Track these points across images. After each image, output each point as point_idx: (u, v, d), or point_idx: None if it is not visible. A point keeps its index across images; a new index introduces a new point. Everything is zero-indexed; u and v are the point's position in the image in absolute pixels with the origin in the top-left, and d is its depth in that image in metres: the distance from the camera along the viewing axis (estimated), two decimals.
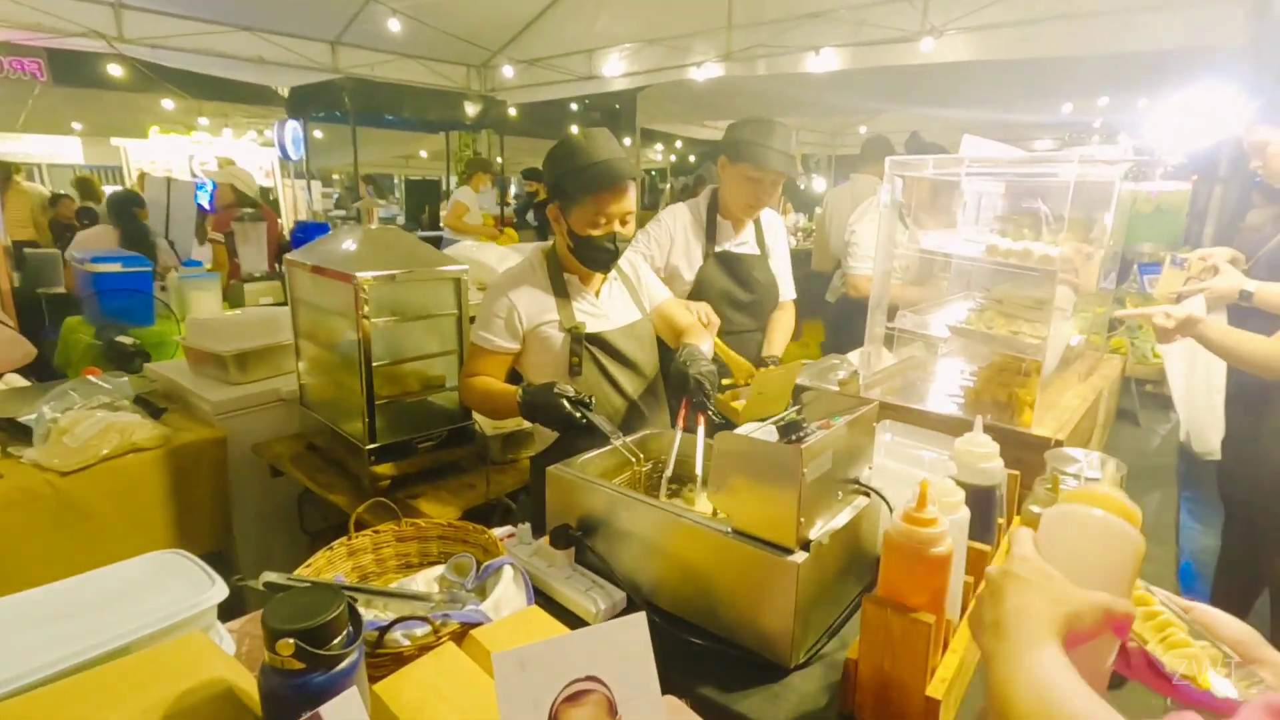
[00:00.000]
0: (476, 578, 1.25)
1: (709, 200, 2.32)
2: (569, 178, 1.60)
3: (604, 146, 1.62)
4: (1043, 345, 1.47)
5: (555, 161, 1.65)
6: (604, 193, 1.60)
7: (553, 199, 1.67)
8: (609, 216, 1.63)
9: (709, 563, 1.12)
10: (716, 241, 2.29)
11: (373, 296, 1.76)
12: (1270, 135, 2.20)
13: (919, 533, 0.89)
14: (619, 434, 1.45)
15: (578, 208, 1.62)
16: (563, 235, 1.68)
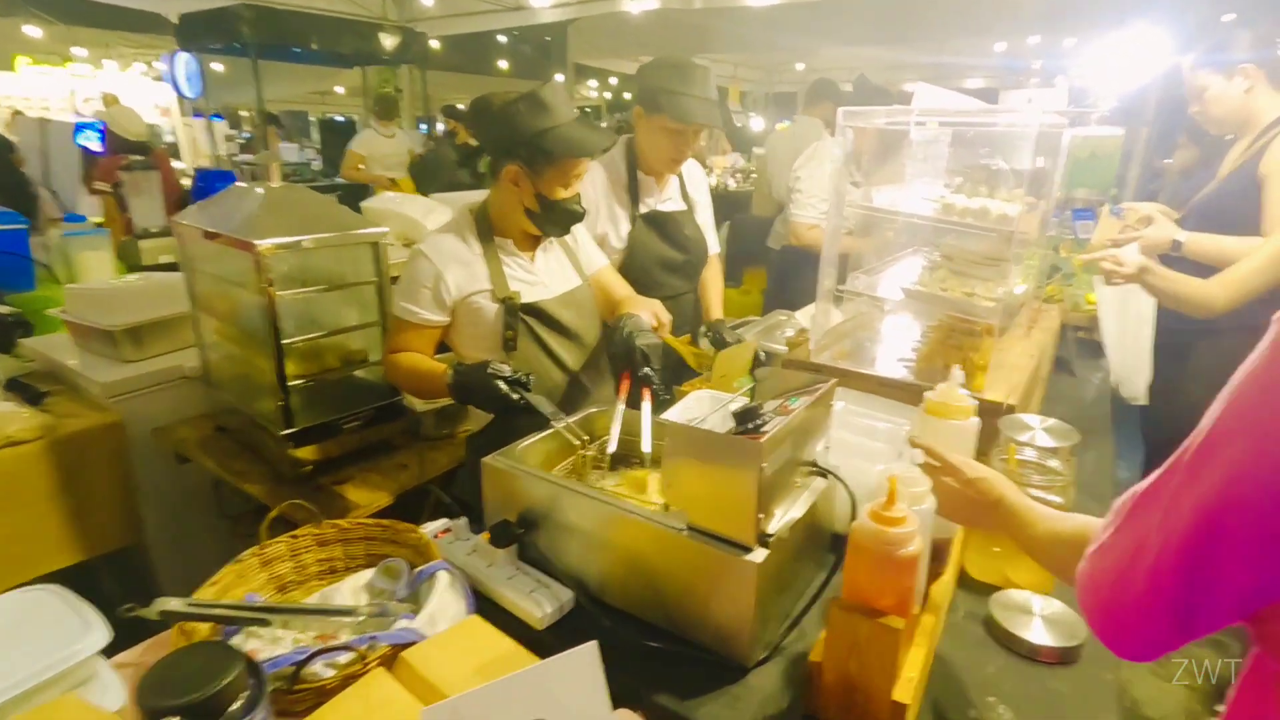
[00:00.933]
0: (409, 584, 1.14)
1: (626, 154, 2.09)
2: (546, 137, 1.45)
3: (568, 103, 1.50)
4: (997, 307, 1.43)
5: (522, 118, 1.46)
6: (585, 155, 1.50)
7: (516, 159, 1.49)
8: (578, 176, 1.53)
9: (662, 560, 1.04)
10: (641, 200, 2.09)
11: (278, 266, 1.57)
12: (1210, 79, 2.20)
13: (888, 533, 0.83)
14: (560, 415, 1.35)
15: (553, 169, 1.48)
16: (525, 199, 1.52)
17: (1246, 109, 2.16)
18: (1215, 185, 2.26)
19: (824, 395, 1.15)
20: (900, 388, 1.52)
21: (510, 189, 1.51)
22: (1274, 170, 2.05)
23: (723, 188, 8.24)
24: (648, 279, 2.14)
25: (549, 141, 1.44)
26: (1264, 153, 2.08)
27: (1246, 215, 2.12)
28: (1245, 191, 2.13)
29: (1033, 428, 1.32)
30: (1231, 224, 2.16)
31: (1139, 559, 0.58)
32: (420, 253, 1.53)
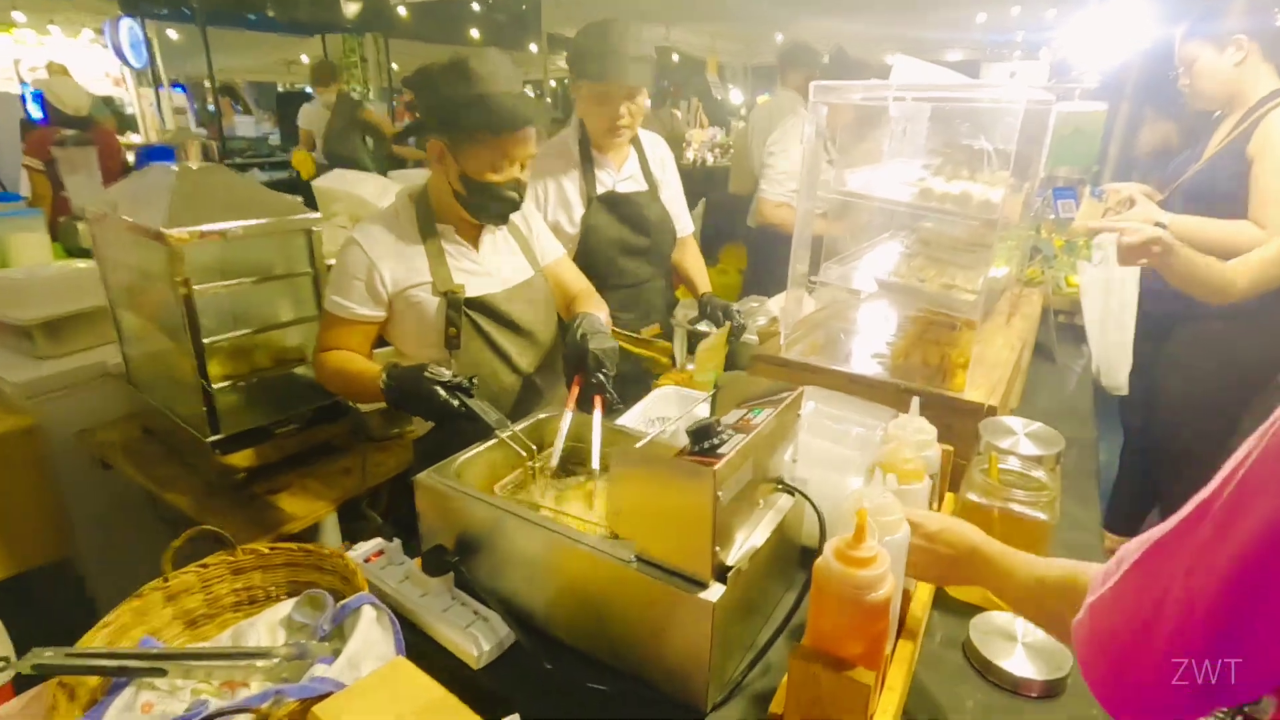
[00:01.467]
0: (333, 618, 1.03)
1: (579, 132, 1.95)
2: (466, 109, 1.29)
3: (506, 74, 1.33)
4: (978, 301, 1.33)
5: (442, 85, 1.32)
6: (511, 132, 1.32)
7: (435, 131, 1.35)
8: (513, 159, 1.35)
9: (609, 593, 0.94)
10: (597, 181, 1.95)
11: (195, 257, 1.42)
12: (1200, 50, 2.09)
13: (855, 575, 0.73)
14: (506, 423, 1.23)
15: (475, 147, 1.33)
16: (451, 179, 1.38)
17: (1236, 83, 2.06)
18: (1201, 165, 2.17)
19: (791, 404, 1.04)
20: (874, 386, 1.42)
21: (438, 168, 1.37)
22: (1263, 150, 1.96)
23: (700, 163, 8.07)
24: (607, 266, 2.01)
25: (468, 114, 1.29)
26: (1253, 132, 1.99)
27: (1234, 197, 2.04)
28: (1232, 172, 2.04)
29: (1015, 433, 1.23)
30: (1218, 206, 2.07)
31: (1159, 618, 0.52)
32: (352, 241, 1.39)
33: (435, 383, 1.22)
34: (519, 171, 1.37)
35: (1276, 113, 1.96)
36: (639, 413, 1.66)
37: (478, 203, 1.38)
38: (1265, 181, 1.95)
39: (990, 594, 1.10)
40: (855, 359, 1.54)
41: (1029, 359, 2.10)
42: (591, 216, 1.93)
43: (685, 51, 10.78)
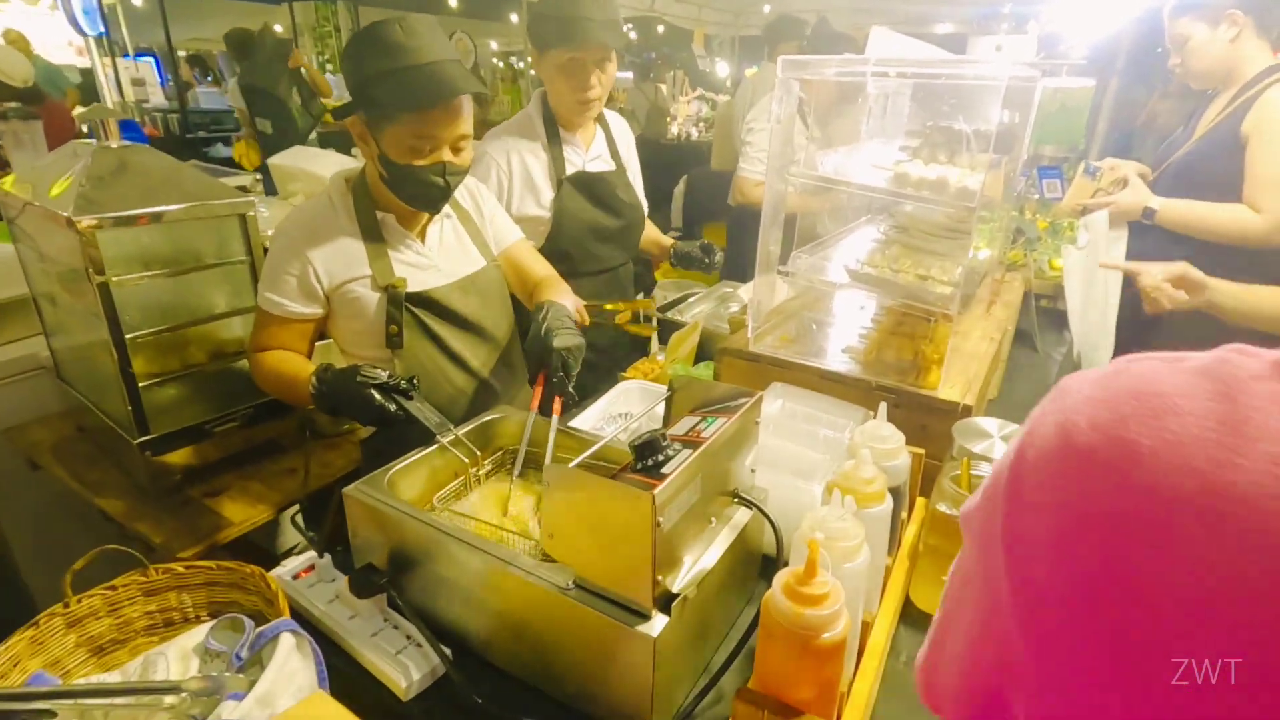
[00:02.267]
0: (251, 645, 0.95)
1: (542, 109, 1.82)
2: (380, 83, 1.16)
3: (429, 43, 1.18)
4: (955, 294, 1.25)
5: (359, 58, 1.20)
6: (430, 109, 1.18)
7: (357, 109, 1.24)
8: (436, 141, 1.21)
9: (548, 621, 0.86)
10: (566, 161, 1.83)
11: (114, 246, 1.31)
12: (1193, 28, 2.01)
13: (805, 616, 0.65)
14: (449, 426, 1.14)
15: (393, 126, 1.20)
16: (373, 161, 1.27)
17: (1230, 60, 1.97)
18: (1193, 145, 2.09)
19: (749, 410, 0.96)
20: (846, 383, 1.34)
21: (363, 150, 1.26)
22: (1259, 129, 1.87)
23: (685, 138, 7.90)
24: (580, 250, 1.92)
25: (383, 88, 1.16)
26: (1247, 110, 1.91)
27: (1227, 177, 1.95)
28: (1225, 151, 1.96)
29: (991, 435, 1.15)
30: (1210, 187, 1.99)
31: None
32: (283, 232, 1.28)
33: (370, 385, 1.13)
34: (450, 155, 1.23)
35: (1273, 90, 1.87)
36: (600, 409, 1.58)
37: (402, 189, 1.26)
38: (1262, 162, 1.87)
39: None
40: (827, 353, 1.46)
41: (1009, 348, 2.03)
42: (563, 199, 1.82)
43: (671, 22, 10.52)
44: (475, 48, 7.55)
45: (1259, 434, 0.32)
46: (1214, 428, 0.33)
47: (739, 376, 1.45)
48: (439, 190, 1.25)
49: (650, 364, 1.88)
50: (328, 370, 1.18)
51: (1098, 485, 0.35)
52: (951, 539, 1.02)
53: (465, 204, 1.46)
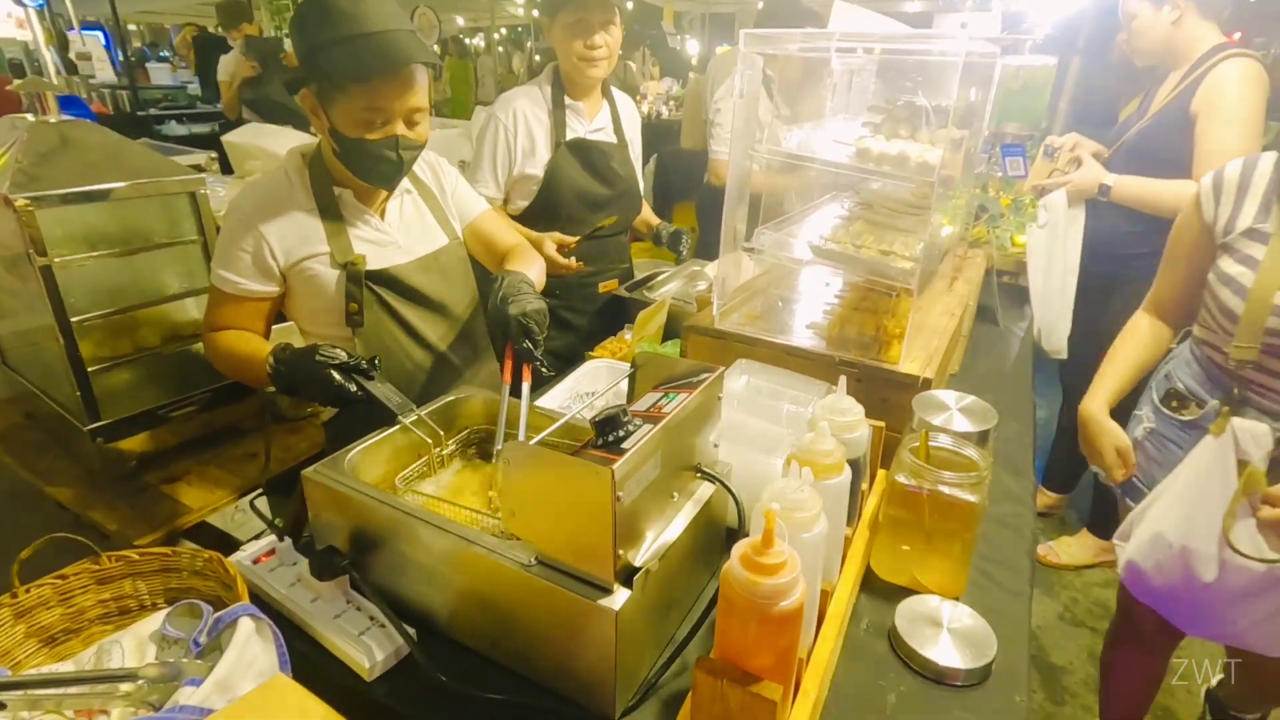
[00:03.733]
0: (210, 631, 0.93)
1: (552, 80, 1.96)
2: (327, 53, 1.13)
3: (377, 10, 1.14)
4: (915, 269, 1.26)
5: (305, 27, 1.16)
6: (379, 79, 1.15)
7: (306, 81, 1.20)
8: (388, 114, 1.18)
9: (511, 598, 0.86)
10: (567, 127, 1.95)
11: (57, 226, 1.26)
12: (1139, 7, 2.04)
13: (762, 585, 0.66)
14: (411, 407, 1.13)
15: (342, 98, 1.16)
16: (325, 135, 1.23)
17: (1173, 40, 2.03)
18: (1145, 123, 2.14)
19: (710, 385, 0.96)
20: (810, 358, 1.35)
21: (315, 124, 1.22)
22: (1207, 107, 1.92)
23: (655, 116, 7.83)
24: (570, 215, 2.01)
25: (329, 59, 1.12)
26: (1196, 89, 1.96)
27: (1178, 153, 2.00)
28: (1176, 129, 2.01)
29: (949, 407, 1.18)
30: (1163, 163, 2.04)
31: None
32: (236, 208, 1.24)
33: (329, 365, 1.10)
34: (403, 128, 1.20)
35: (1219, 69, 1.92)
36: (567, 388, 1.58)
37: (355, 164, 1.22)
38: (1209, 139, 1.92)
39: (919, 576, 1.08)
40: (793, 329, 1.47)
41: (971, 323, 2.07)
42: (557, 161, 1.92)
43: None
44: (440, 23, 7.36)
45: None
46: None
47: (705, 353, 1.46)
48: (392, 165, 1.21)
49: (618, 342, 1.88)
50: (286, 349, 1.15)
51: None
52: (910, 510, 1.04)
53: (426, 179, 1.43)
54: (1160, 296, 1.49)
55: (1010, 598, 1.09)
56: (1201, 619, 1.29)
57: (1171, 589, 1.29)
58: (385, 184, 1.27)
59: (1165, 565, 1.28)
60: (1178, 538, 1.24)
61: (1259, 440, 1.18)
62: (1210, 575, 1.21)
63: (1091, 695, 2.07)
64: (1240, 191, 1.27)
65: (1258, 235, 1.22)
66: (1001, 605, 1.07)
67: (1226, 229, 1.27)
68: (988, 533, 1.23)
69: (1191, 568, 1.23)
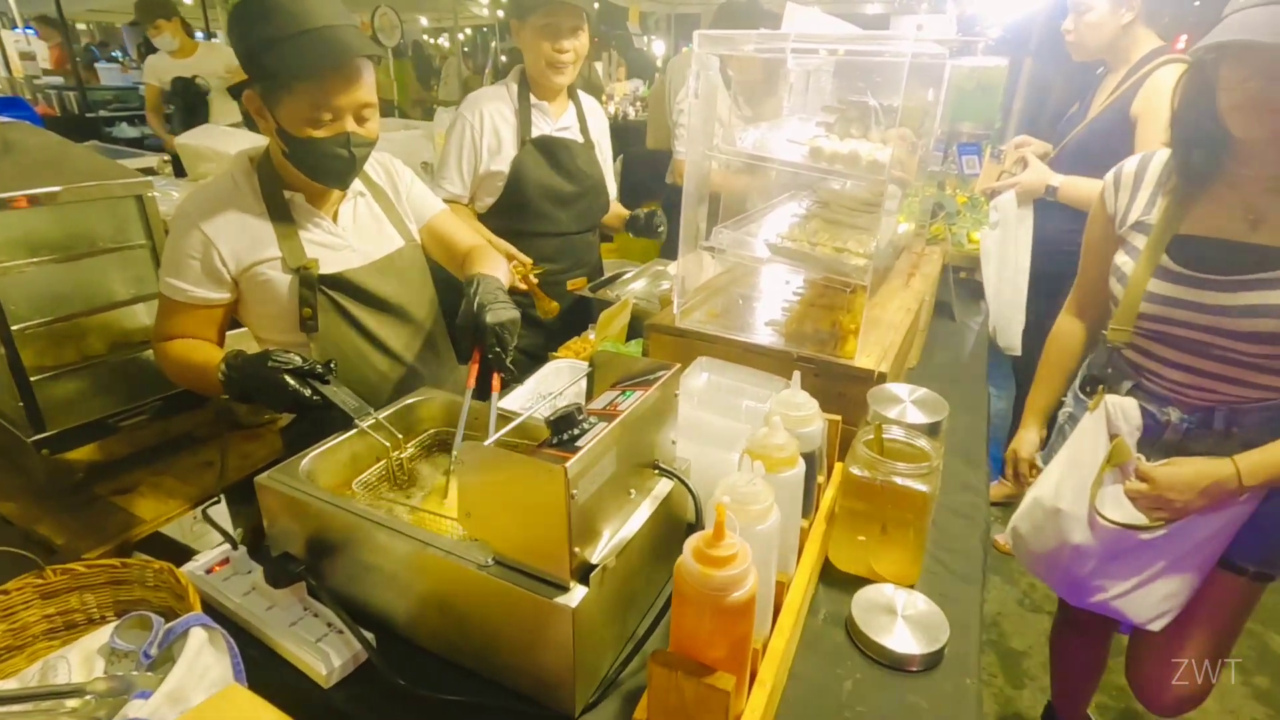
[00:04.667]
0: (161, 643, 0.91)
1: (519, 80, 1.99)
2: (269, 50, 1.11)
3: (319, 6, 1.12)
4: (868, 266, 1.29)
5: (244, 25, 1.14)
6: (325, 76, 1.13)
7: (251, 81, 1.18)
8: (336, 110, 1.16)
9: (469, 599, 0.86)
10: (533, 125, 1.98)
11: None
12: (1096, 2, 2.08)
13: (714, 577, 0.67)
14: (368, 410, 1.12)
15: (288, 97, 1.15)
16: (272, 136, 1.22)
17: (1118, 41, 2.09)
18: (1087, 124, 2.20)
19: (667, 382, 0.97)
20: (769, 355, 1.37)
21: (262, 125, 1.20)
22: (1146, 110, 1.98)
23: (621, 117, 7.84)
24: (536, 212, 2.04)
25: (270, 57, 1.11)
26: (1136, 91, 2.02)
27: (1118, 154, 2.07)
28: (1117, 131, 2.07)
29: (902, 400, 1.21)
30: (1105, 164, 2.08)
31: None
32: (183, 213, 1.22)
33: (282, 371, 1.09)
34: (353, 125, 1.18)
35: (1157, 75, 1.98)
36: (530, 388, 1.58)
37: (305, 163, 1.21)
38: (1149, 143, 1.97)
39: (874, 565, 1.10)
40: (753, 327, 1.49)
41: (929, 318, 2.12)
42: (523, 158, 1.95)
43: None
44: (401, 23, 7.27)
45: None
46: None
47: (667, 352, 1.47)
48: (344, 163, 1.20)
49: (582, 342, 1.88)
50: (238, 356, 1.13)
51: None
52: (865, 501, 1.06)
53: (380, 181, 1.42)
54: (1079, 294, 1.55)
55: (963, 584, 1.12)
56: (1076, 586, 1.35)
57: (1049, 555, 1.35)
58: (338, 183, 1.25)
59: (1042, 527, 1.35)
60: (1051, 500, 1.32)
61: (1128, 416, 1.27)
62: (1078, 536, 1.28)
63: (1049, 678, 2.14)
64: (1135, 185, 1.33)
65: (1143, 227, 1.29)
66: (955, 591, 1.10)
67: (1122, 221, 1.34)
68: (943, 522, 1.26)
69: (1063, 530, 1.30)
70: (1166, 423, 1.29)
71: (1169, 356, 1.26)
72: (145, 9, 3.84)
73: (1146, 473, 1.23)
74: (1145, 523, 1.24)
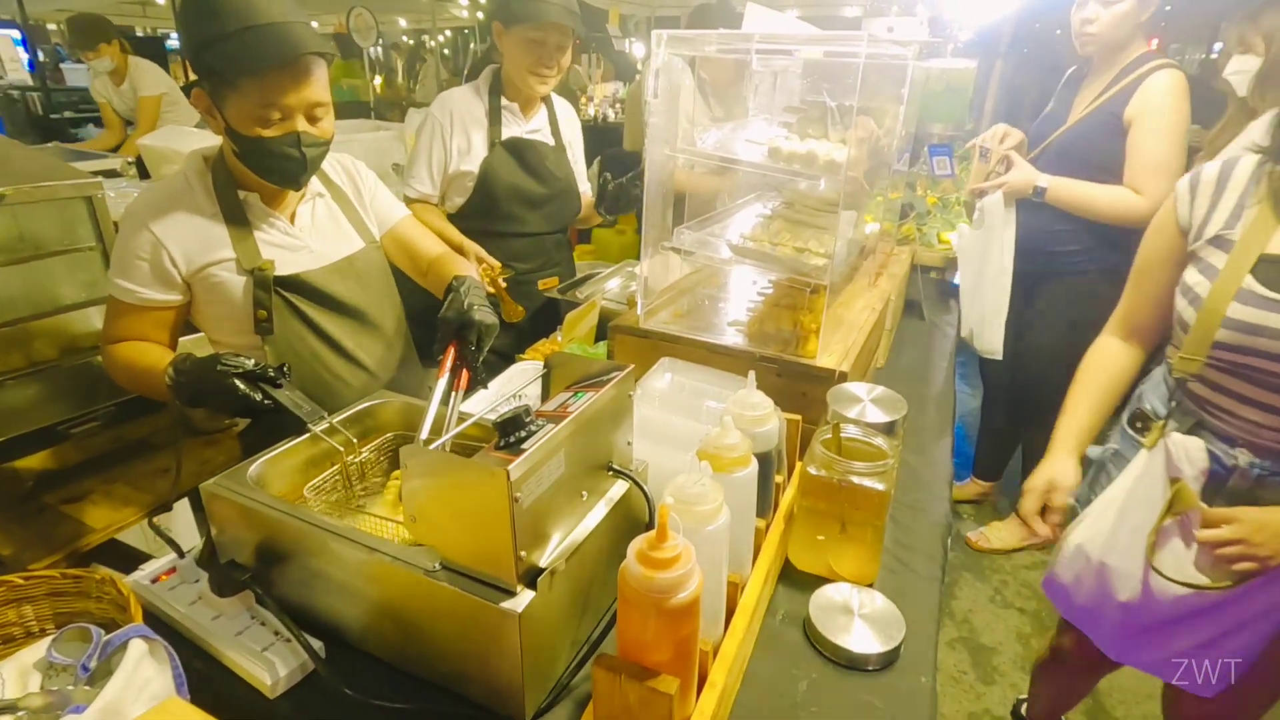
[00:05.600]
0: (100, 655, 0.89)
1: (490, 82, 2.01)
2: (215, 48, 1.09)
3: (267, 3, 1.11)
4: (829, 266, 1.29)
5: (191, 23, 1.12)
6: (272, 73, 1.11)
7: (199, 80, 1.16)
8: (285, 109, 1.14)
9: (416, 607, 0.84)
10: (504, 126, 1.99)
11: None
12: None
13: (655, 579, 0.67)
14: (321, 414, 1.10)
15: (235, 95, 1.12)
16: (222, 135, 1.19)
17: (1126, 39, 2.03)
18: (1074, 124, 2.17)
19: (620, 383, 0.97)
20: (732, 355, 1.37)
21: (212, 125, 1.18)
22: (1142, 115, 1.96)
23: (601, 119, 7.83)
24: (505, 213, 2.05)
25: (215, 55, 1.09)
26: (1130, 95, 1.99)
27: (1107, 157, 2.04)
28: (1106, 133, 2.04)
29: (861, 399, 1.21)
30: (1091, 165, 2.08)
31: None
32: (132, 214, 1.19)
33: (232, 374, 1.07)
34: (304, 124, 1.16)
35: (1155, 77, 1.96)
36: (494, 391, 1.56)
37: (256, 163, 1.18)
38: (1143, 147, 1.96)
39: (834, 564, 1.10)
40: (718, 327, 1.49)
41: (897, 318, 2.13)
42: (493, 159, 1.96)
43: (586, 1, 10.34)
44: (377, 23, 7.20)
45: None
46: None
47: (631, 353, 1.46)
48: (295, 163, 1.17)
49: (550, 344, 1.87)
50: (186, 360, 1.11)
51: None
52: (823, 500, 1.06)
53: (340, 181, 1.40)
54: (1129, 313, 1.34)
55: (922, 582, 1.12)
56: (1123, 643, 1.21)
57: (1091, 607, 1.23)
58: (290, 183, 1.23)
59: (1084, 580, 1.23)
60: (1097, 552, 1.20)
61: (1192, 458, 1.10)
62: (1126, 594, 1.15)
63: (1020, 674, 2.16)
64: (1216, 194, 1.16)
65: (1222, 243, 1.12)
66: (913, 590, 1.10)
67: (1197, 234, 1.17)
68: (904, 520, 1.26)
69: (1110, 585, 1.17)
70: (1234, 467, 1.13)
71: (1244, 392, 1.10)
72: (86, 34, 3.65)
73: (1230, 515, 1.06)
74: (1209, 582, 1.08)
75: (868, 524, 1.06)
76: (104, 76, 3.83)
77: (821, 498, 1.07)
